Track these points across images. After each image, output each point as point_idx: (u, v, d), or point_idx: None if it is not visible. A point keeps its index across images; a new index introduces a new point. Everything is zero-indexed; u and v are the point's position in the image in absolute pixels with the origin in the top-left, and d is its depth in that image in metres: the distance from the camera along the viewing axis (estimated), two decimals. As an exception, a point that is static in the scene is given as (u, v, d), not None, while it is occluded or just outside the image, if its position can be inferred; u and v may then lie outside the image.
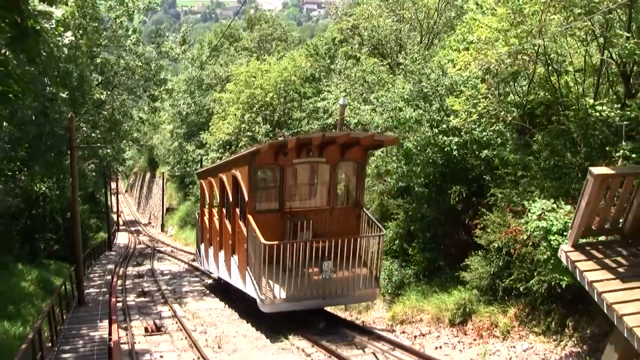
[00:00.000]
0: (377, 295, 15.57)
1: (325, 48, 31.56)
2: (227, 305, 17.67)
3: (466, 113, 14.85)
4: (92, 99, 23.43)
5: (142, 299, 20.68)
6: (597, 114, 11.14)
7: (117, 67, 24.93)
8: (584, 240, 8.42)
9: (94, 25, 22.94)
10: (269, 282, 13.75)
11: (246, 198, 14.74)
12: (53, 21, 10.52)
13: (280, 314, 14.43)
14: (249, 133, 32.41)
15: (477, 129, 15.72)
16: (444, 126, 15.83)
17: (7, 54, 7.04)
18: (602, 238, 8.64)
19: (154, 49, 26.29)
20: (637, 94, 11.71)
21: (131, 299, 20.51)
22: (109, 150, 26.50)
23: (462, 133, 16.21)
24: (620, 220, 8.31)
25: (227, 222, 16.93)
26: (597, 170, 7.76)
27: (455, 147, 16.05)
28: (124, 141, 29.70)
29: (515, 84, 15.51)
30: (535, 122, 14.80)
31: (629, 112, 10.74)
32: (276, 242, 13.62)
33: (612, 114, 10.95)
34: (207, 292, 20.91)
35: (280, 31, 48.98)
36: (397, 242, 18.49)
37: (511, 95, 15.25)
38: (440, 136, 16.16)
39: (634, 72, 11.79)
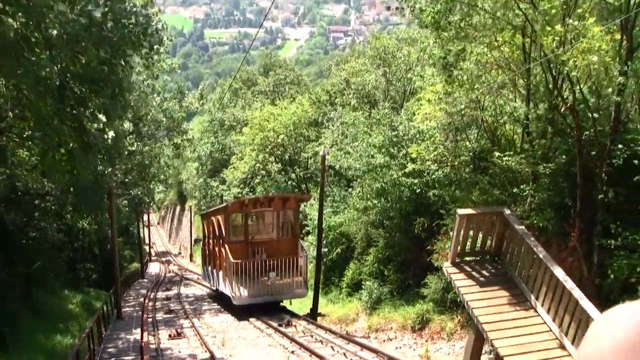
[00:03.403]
0: (306, 293, 22.34)
1: (325, 96, 35.33)
2: (236, 319, 21.43)
3: (423, 159, 18.59)
4: (125, 148, 27.45)
5: (168, 315, 24.22)
6: (504, 163, 14.91)
7: (145, 120, 29.04)
8: (469, 259, 12.08)
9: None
10: (237, 286, 20.83)
11: (224, 233, 22.11)
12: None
13: (253, 310, 21.16)
14: (263, 172, 36.22)
15: (436, 172, 19.40)
16: (406, 170, 19.54)
17: (72, 145, 11.03)
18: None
19: (176, 103, 30.48)
20: (535, 147, 15.18)
21: (159, 315, 24.11)
22: (139, 192, 30.70)
23: (424, 174, 19.93)
24: (487, 245, 11.92)
25: (216, 249, 24.14)
26: (462, 211, 11.43)
27: (417, 187, 19.78)
28: (152, 182, 34.04)
29: (468, 132, 19.18)
30: (481, 165, 18.43)
31: (521, 162, 14.38)
32: (241, 261, 20.90)
33: (513, 163, 14.67)
34: (222, 309, 24.59)
35: (293, 75, 52.89)
36: (376, 265, 21.79)
37: (463, 141, 18.91)
38: (404, 178, 19.87)
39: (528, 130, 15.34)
